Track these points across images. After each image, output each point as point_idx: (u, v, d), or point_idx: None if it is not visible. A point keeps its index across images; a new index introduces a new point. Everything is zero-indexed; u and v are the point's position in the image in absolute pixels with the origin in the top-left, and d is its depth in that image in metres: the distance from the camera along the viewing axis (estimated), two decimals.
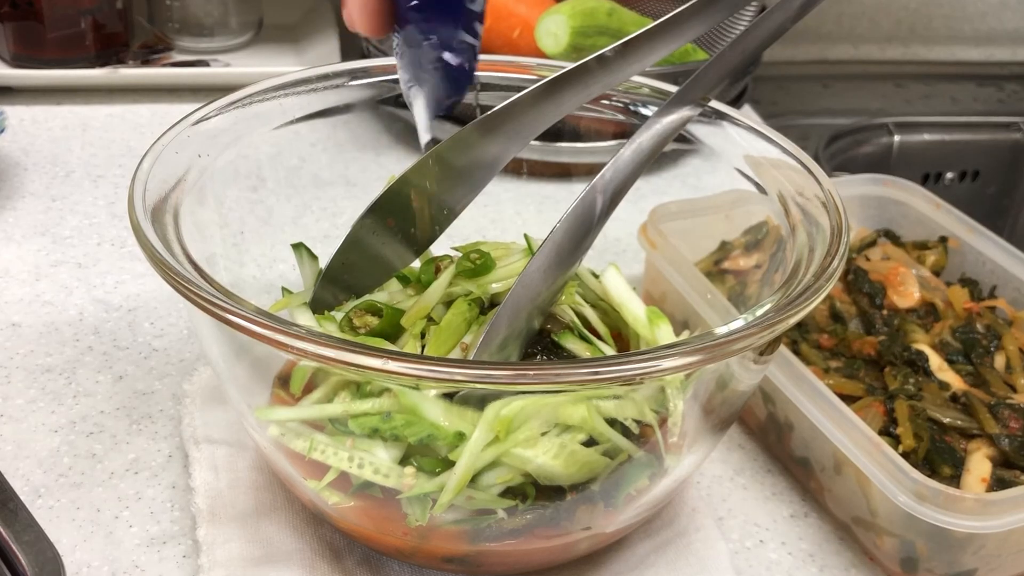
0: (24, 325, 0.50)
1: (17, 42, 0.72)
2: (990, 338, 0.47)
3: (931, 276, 0.52)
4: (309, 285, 0.42)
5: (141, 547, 0.39)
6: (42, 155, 0.65)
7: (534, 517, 0.35)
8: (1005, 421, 0.42)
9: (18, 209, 0.59)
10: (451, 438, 0.33)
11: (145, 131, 0.69)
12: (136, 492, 0.41)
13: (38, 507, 0.40)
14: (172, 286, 0.31)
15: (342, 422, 0.35)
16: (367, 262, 0.41)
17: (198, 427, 0.43)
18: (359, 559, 0.39)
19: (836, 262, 0.34)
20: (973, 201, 0.89)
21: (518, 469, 0.34)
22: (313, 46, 0.80)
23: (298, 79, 0.43)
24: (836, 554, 0.41)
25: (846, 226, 0.36)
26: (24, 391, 0.46)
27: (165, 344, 0.49)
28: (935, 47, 1.04)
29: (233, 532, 0.38)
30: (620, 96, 0.45)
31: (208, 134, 0.39)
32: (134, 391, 0.46)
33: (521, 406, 0.33)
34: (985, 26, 1.04)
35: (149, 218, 0.34)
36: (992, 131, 0.89)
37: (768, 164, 0.41)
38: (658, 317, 0.39)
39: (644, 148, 0.39)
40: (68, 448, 0.43)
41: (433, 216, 0.42)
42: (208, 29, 0.79)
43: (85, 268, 0.55)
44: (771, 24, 0.36)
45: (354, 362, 0.28)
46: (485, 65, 0.46)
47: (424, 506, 0.34)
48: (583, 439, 0.35)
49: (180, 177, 0.37)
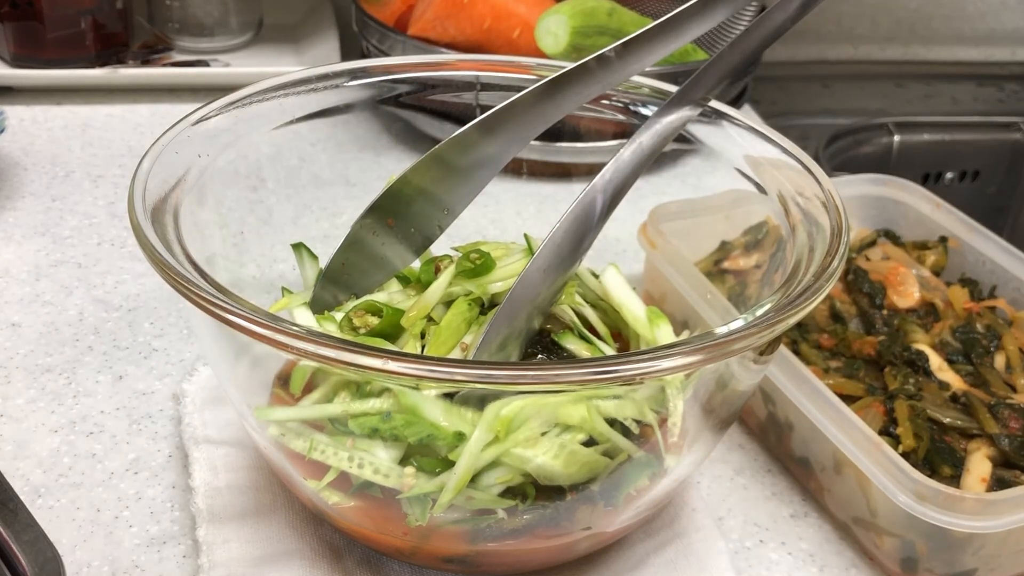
0: (24, 325, 0.50)
1: (17, 42, 0.72)
2: (990, 338, 0.47)
3: (931, 276, 0.52)
4: (309, 285, 0.42)
5: (141, 547, 0.39)
6: (42, 155, 0.65)
7: (534, 517, 0.35)
8: (1005, 421, 0.42)
9: (18, 209, 0.59)
10: (451, 438, 0.33)
11: (145, 131, 0.69)
12: (136, 492, 0.41)
13: (38, 507, 0.40)
14: (172, 286, 0.31)
15: (342, 422, 0.35)
16: (367, 262, 0.41)
17: (198, 427, 0.43)
18: (359, 559, 0.39)
19: (836, 262, 0.34)
20: (973, 201, 0.89)
21: (518, 469, 0.34)
22: (313, 46, 0.80)
23: (298, 79, 0.43)
24: (836, 554, 0.41)
25: (846, 226, 0.36)
26: (24, 391, 0.46)
27: (165, 344, 0.49)
28: (935, 47, 1.04)
29: (233, 532, 0.38)
30: (620, 96, 0.45)
31: (208, 134, 0.39)
32: (134, 391, 0.46)
33: (521, 406, 0.33)
34: (985, 26, 1.04)
35: (149, 218, 0.34)
36: (992, 131, 0.89)
37: (768, 164, 0.41)
38: (658, 317, 0.39)
39: (644, 148, 0.39)
40: (68, 448, 0.43)
41: (433, 216, 0.42)
42: (208, 29, 0.79)
43: (85, 268, 0.55)
44: (771, 24, 0.36)
45: (354, 362, 0.28)
46: (485, 65, 0.46)
47: (424, 506, 0.34)
48: (583, 439, 0.35)
49: (180, 177, 0.37)
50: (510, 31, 0.68)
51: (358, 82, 0.44)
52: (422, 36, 0.69)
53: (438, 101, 0.46)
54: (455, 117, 0.42)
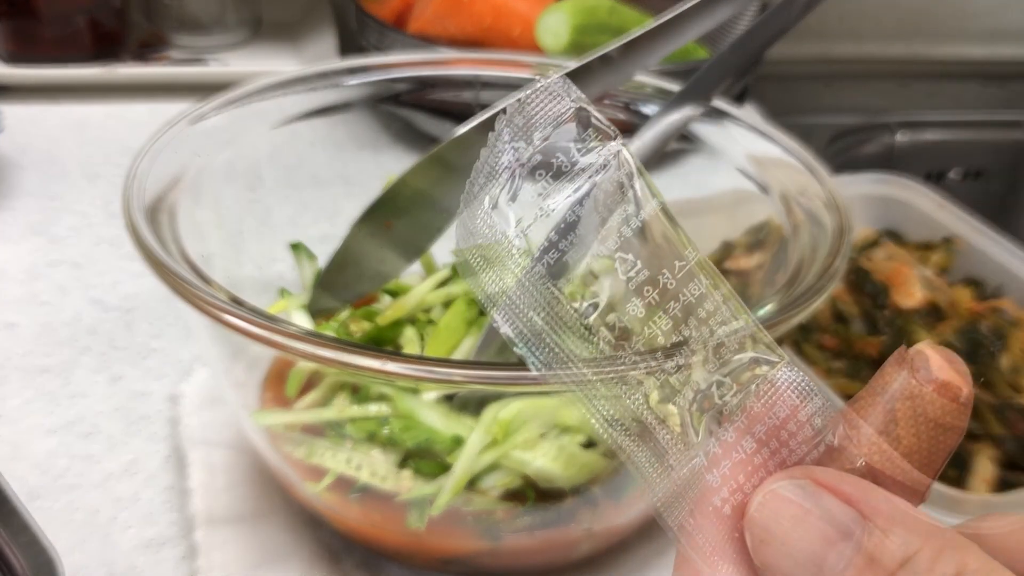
0: (20, 326, 0.50)
1: (13, 40, 0.71)
2: (994, 339, 0.47)
3: (935, 276, 0.51)
4: (307, 286, 0.42)
5: (138, 549, 0.38)
6: (38, 154, 0.65)
7: (534, 520, 0.35)
8: (1010, 423, 0.42)
9: (14, 208, 0.59)
10: (448, 442, 0.33)
11: (142, 129, 0.69)
12: (133, 494, 0.41)
13: (35, 509, 0.39)
14: (169, 286, 0.30)
15: (339, 426, 0.34)
16: (365, 264, 0.41)
17: (195, 428, 0.43)
18: (358, 561, 0.38)
19: (839, 262, 0.34)
20: (977, 200, 0.89)
21: (517, 472, 0.34)
22: (311, 44, 0.80)
23: (296, 77, 0.43)
24: None
25: (849, 226, 0.36)
26: (20, 392, 0.45)
27: (162, 345, 0.49)
28: (939, 45, 1.04)
29: (231, 534, 0.38)
30: (622, 95, 0.44)
31: (205, 133, 0.39)
32: (131, 392, 0.46)
33: (519, 408, 0.33)
34: (989, 24, 1.03)
35: (145, 217, 0.33)
36: (996, 130, 0.89)
37: (770, 163, 0.41)
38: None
39: (646, 147, 0.38)
40: (65, 450, 0.43)
41: (432, 218, 0.41)
42: (206, 27, 0.79)
43: (82, 268, 0.54)
44: (774, 23, 0.36)
45: (352, 363, 0.27)
46: (485, 63, 0.46)
47: (422, 509, 0.34)
48: (583, 440, 0.34)
49: (177, 176, 0.37)
50: (510, 29, 0.68)
51: (357, 80, 0.44)
52: (422, 34, 0.69)
53: (438, 99, 0.46)
54: (455, 115, 0.41)
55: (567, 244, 0.20)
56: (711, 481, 0.18)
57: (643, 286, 0.20)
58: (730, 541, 0.18)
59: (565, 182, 0.20)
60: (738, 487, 0.18)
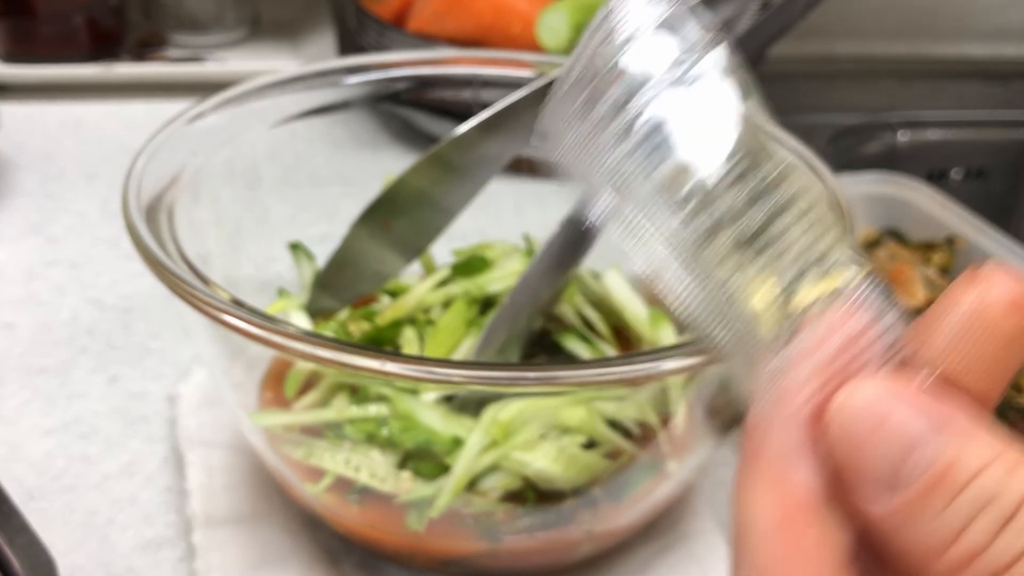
0: (18, 326, 0.49)
1: (11, 39, 0.71)
2: None
3: (937, 276, 0.51)
4: (306, 286, 0.42)
5: (136, 551, 0.38)
6: (36, 153, 0.65)
7: (534, 521, 0.34)
8: (1011, 423, 0.42)
9: (12, 208, 0.59)
10: (448, 443, 0.33)
11: (140, 128, 0.68)
12: (131, 495, 0.41)
13: (32, 510, 0.39)
14: (167, 286, 0.30)
15: (338, 426, 0.34)
16: (364, 264, 0.41)
17: (193, 429, 0.42)
18: (357, 563, 0.38)
19: None
20: (979, 200, 0.89)
21: (517, 473, 0.34)
22: (310, 42, 0.80)
23: (295, 76, 0.42)
24: None
25: (851, 226, 0.36)
26: (17, 392, 0.45)
27: (160, 345, 0.49)
28: (941, 44, 1.04)
29: (229, 536, 0.38)
30: None
31: (203, 131, 0.39)
32: (129, 393, 0.46)
33: (519, 409, 0.33)
34: (992, 23, 1.03)
35: (144, 217, 0.33)
36: (999, 129, 0.89)
37: None
38: (660, 318, 0.39)
39: None
40: (62, 450, 0.42)
41: (431, 217, 0.41)
42: (204, 25, 0.79)
43: (79, 268, 0.54)
44: (775, 22, 0.36)
45: (351, 363, 0.27)
46: (485, 61, 0.46)
47: (422, 510, 0.34)
48: (583, 442, 0.34)
49: (175, 175, 0.36)
50: (510, 27, 0.68)
51: (356, 79, 0.44)
52: (421, 32, 0.68)
53: (437, 98, 0.46)
54: (454, 114, 0.41)
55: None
56: (790, 384, 0.19)
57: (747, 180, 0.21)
58: (807, 443, 0.19)
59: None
60: (817, 391, 0.19)
